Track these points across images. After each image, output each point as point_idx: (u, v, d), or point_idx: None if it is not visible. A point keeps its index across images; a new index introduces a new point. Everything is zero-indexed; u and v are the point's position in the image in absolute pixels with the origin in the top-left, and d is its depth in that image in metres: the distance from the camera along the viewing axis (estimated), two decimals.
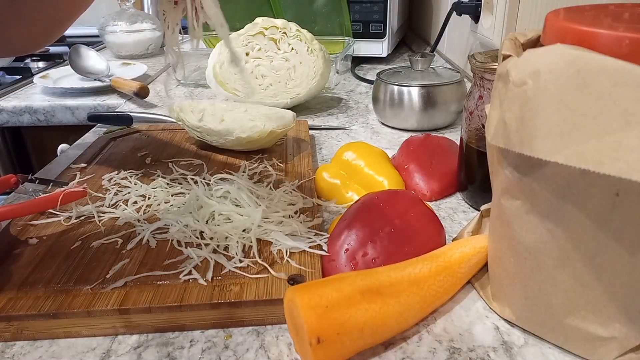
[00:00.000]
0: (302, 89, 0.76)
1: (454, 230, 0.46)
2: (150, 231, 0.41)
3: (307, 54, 0.77)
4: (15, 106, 0.92)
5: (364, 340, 0.30)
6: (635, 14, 0.28)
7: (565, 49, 0.25)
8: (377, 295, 0.31)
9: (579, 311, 0.29)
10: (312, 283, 0.31)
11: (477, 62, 0.44)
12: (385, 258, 0.36)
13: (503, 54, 0.30)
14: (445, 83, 0.68)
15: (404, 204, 0.40)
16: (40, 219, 0.44)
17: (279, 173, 0.53)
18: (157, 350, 0.33)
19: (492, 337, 0.33)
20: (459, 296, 0.37)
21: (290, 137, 0.64)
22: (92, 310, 0.33)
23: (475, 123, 0.45)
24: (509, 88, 0.28)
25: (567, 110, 0.24)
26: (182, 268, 0.37)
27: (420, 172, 0.52)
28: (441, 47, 1.12)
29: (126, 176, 0.52)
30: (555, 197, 0.27)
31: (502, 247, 0.33)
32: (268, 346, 0.33)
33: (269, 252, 0.39)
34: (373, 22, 1.07)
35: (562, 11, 0.30)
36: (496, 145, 0.29)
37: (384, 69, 0.76)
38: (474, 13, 0.80)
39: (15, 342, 0.34)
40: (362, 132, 0.72)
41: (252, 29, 0.78)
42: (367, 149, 0.53)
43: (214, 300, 0.34)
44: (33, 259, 0.39)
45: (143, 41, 1.30)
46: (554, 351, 0.32)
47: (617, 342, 0.29)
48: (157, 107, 0.87)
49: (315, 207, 0.45)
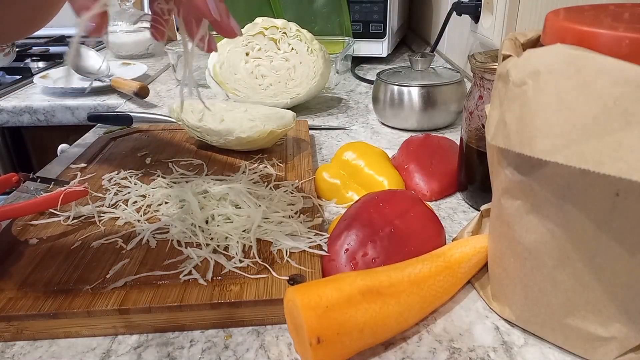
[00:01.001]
0: (302, 89, 0.76)
1: (454, 230, 0.46)
2: (150, 231, 0.41)
3: (307, 54, 0.77)
4: (15, 106, 0.92)
5: (364, 340, 0.30)
6: (635, 14, 0.28)
7: (565, 49, 0.25)
8: (377, 295, 0.31)
9: (579, 311, 0.29)
10: (312, 283, 0.31)
11: (477, 62, 0.44)
12: (385, 258, 0.36)
13: (503, 54, 0.30)
14: (445, 83, 0.68)
15: (404, 204, 0.40)
16: (40, 219, 0.44)
17: (279, 173, 0.53)
18: (157, 350, 0.33)
19: (492, 337, 0.33)
20: (459, 296, 0.37)
21: (290, 137, 0.64)
22: (92, 310, 0.33)
23: (475, 123, 0.45)
24: (509, 88, 0.28)
25: (567, 110, 0.24)
26: (182, 268, 0.37)
27: (420, 172, 0.52)
28: (441, 47, 1.12)
29: (126, 176, 0.52)
30: (555, 197, 0.27)
31: (502, 247, 0.33)
32: (268, 346, 0.33)
33: (269, 252, 0.39)
34: (373, 22, 1.07)
35: (562, 11, 0.30)
36: (496, 145, 0.29)
37: (384, 69, 0.76)
38: (474, 13, 0.80)
39: (15, 342, 0.34)
40: (362, 132, 0.72)
41: (252, 29, 0.78)
42: (367, 149, 0.53)
43: (214, 300, 0.34)
44: (33, 259, 0.39)
45: (143, 41, 1.30)
46: (554, 351, 0.32)
47: (617, 342, 0.29)
48: (157, 107, 0.87)
49: (315, 207, 0.45)
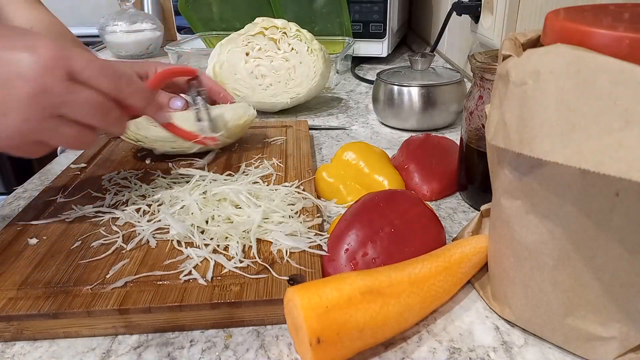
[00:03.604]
0: (302, 89, 0.76)
1: (454, 230, 0.46)
2: (150, 231, 0.41)
3: (307, 54, 0.77)
4: None
5: (364, 340, 0.30)
6: (635, 14, 0.28)
7: (565, 49, 0.25)
8: (377, 295, 0.31)
9: (579, 311, 0.29)
10: (312, 283, 0.31)
11: (477, 62, 0.44)
12: (385, 258, 0.36)
13: (503, 54, 0.30)
14: (445, 83, 0.68)
15: (404, 204, 0.40)
16: (40, 219, 0.44)
17: (279, 173, 0.53)
18: (157, 350, 0.33)
19: (492, 337, 0.33)
20: (459, 296, 0.37)
21: (290, 137, 0.64)
22: (92, 310, 0.33)
23: (475, 123, 0.45)
24: (509, 88, 0.28)
25: (567, 110, 0.24)
26: (182, 268, 0.37)
27: (420, 172, 0.52)
28: (441, 47, 1.12)
29: (126, 176, 0.52)
30: (555, 197, 0.27)
31: (502, 247, 0.33)
32: (268, 346, 0.33)
33: (269, 252, 0.39)
34: (373, 22, 1.07)
35: (562, 11, 0.30)
36: (496, 145, 0.29)
37: (384, 69, 0.76)
38: (474, 13, 0.80)
39: (15, 342, 0.34)
40: (362, 132, 0.72)
41: (252, 29, 0.78)
42: (367, 149, 0.53)
43: (214, 300, 0.34)
44: (33, 259, 0.39)
45: (143, 41, 1.30)
46: (554, 351, 0.32)
47: (617, 342, 0.29)
48: None
49: (315, 207, 0.45)
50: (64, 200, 0.48)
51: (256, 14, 0.83)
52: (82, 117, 0.39)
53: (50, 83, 0.36)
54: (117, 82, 0.41)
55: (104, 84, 0.40)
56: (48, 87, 0.36)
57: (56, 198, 0.48)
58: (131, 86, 0.42)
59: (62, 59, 0.37)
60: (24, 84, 0.36)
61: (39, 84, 0.36)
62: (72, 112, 0.39)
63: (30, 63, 0.36)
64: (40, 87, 0.36)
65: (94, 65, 0.39)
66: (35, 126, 0.37)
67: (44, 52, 0.36)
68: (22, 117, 0.37)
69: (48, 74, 0.36)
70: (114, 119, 0.41)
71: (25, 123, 0.37)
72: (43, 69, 0.36)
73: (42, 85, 0.36)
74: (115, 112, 0.42)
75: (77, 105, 0.38)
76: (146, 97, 0.44)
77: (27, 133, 0.38)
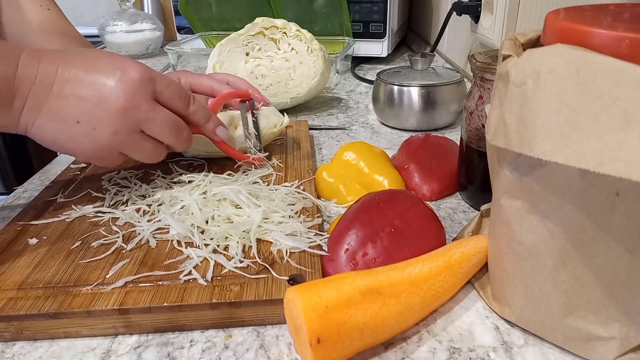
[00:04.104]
0: (302, 89, 0.76)
1: (454, 230, 0.46)
2: (150, 231, 0.41)
3: (307, 54, 0.77)
4: None
5: (364, 340, 0.30)
6: (635, 14, 0.28)
7: (565, 49, 0.25)
8: (377, 295, 0.31)
9: (579, 311, 0.29)
10: (312, 283, 0.31)
11: (477, 62, 0.44)
12: (385, 258, 0.36)
13: (503, 54, 0.30)
14: (445, 83, 0.68)
15: (404, 204, 0.40)
16: (40, 219, 0.44)
17: (279, 173, 0.53)
18: (157, 350, 0.33)
19: (492, 337, 0.33)
20: (459, 296, 0.37)
21: (290, 137, 0.64)
22: (92, 310, 0.33)
23: (475, 123, 0.45)
24: (509, 88, 0.28)
25: (567, 110, 0.24)
26: (182, 268, 0.37)
27: (420, 172, 0.52)
28: (441, 47, 1.12)
29: (126, 176, 0.52)
30: (555, 197, 0.27)
31: (502, 247, 0.33)
32: (268, 346, 0.33)
33: (269, 252, 0.39)
34: (373, 22, 1.07)
35: (562, 11, 0.30)
36: (496, 145, 0.29)
37: (384, 69, 0.76)
38: (474, 13, 0.80)
39: (15, 342, 0.34)
40: (362, 132, 0.72)
41: (252, 29, 0.78)
42: (367, 149, 0.53)
43: (214, 300, 0.34)
44: (33, 259, 0.39)
45: (143, 41, 1.30)
46: (554, 351, 0.32)
47: (617, 342, 0.29)
48: None
49: (315, 207, 0.45)
50: (64, 200, 0.48)
51: (256, 14, 0.83)
52: (159, 134, 0.44)
53: (139, 100, 0.41)
54: (186, 102, 0.46)
55: (179, 104, 0.45)
56: (136, 103, 0.41)
57: (56, 198, 0.48)
58: (195, 105, 0.47)
59: (148, 80, 0.42)
60: (116, 100, 0.40)
61: (129, 100, 0.40)
62: (152, 128, 0.43)
63: (122, 82, 0.40)
64: (130, 103, 0.40)
65: (172, 87, 0.44)
66: (122, 139, 0.42)
67: (133, 74, 0.41)
68: (112, 130, 0.41)
69: (137, 92, 0.41)
70: (184, 137, 0.46)
71: (114, 135, 0.41)
72: (133, 88, 0.41)
73: (132, 101, 0.41)
74: (186, 131, 0.46)
75: (157, 122, 0.43)
76: (208, 115, 0.49)
77: (115, 145, 0.42)
